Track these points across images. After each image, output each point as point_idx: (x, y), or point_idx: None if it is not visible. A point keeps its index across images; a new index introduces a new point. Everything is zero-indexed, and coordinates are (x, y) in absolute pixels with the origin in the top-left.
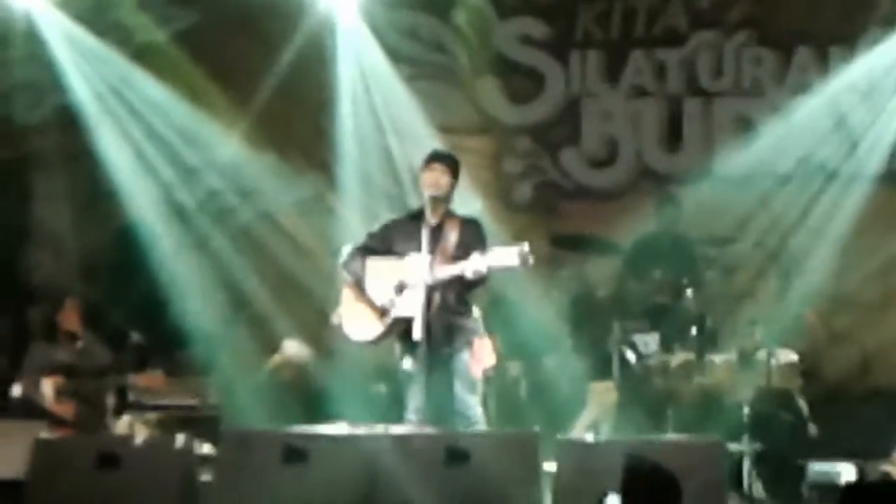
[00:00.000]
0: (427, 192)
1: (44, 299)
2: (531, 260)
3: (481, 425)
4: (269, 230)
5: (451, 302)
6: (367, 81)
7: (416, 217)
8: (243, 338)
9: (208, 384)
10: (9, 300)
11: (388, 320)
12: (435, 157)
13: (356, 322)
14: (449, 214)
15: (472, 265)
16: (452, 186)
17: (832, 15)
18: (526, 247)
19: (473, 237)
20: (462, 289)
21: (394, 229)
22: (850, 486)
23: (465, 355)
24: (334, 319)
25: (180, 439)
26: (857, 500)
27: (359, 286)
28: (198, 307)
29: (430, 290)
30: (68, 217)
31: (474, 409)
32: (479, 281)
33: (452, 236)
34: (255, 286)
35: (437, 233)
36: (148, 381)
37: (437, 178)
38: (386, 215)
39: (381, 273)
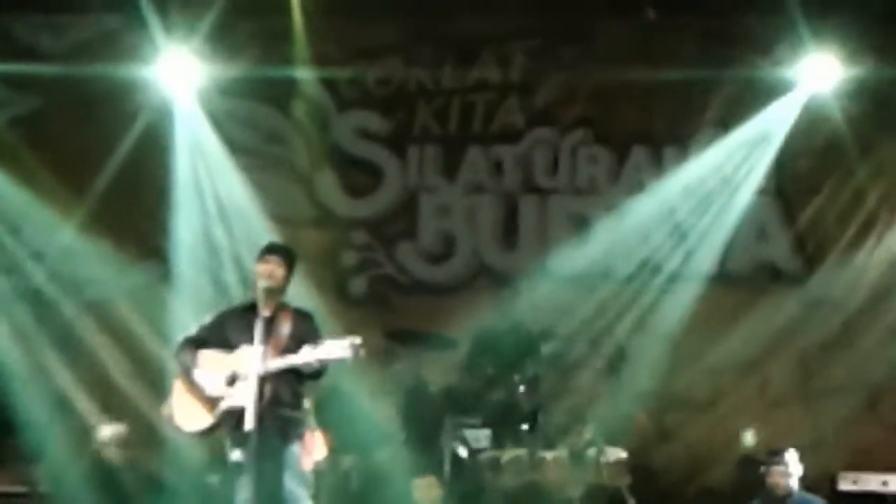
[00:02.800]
0: (261, 284)
1: None
2: (363, 353)
3: None
4: (104, 317)
5: (283, 394)
6: (205, 170)
7: (250, 309)
8: (72, 426)
9: (38, 472)
10: None
11: (219, 412)
12: (270, 249)
13: (187, 413)
14: (282, 306)
15: (303, 357)
16: (287, 278)
17: (666, 116)
18: (358, 340)
19: (307, 329)
20: (295, 381)
21: (226, 320)
22: None
23: (295, 448)
24: (164, 411)
25: None
26: None
27: (189, 377)
28: (27, 394)
29: (262, 381)
30: None
31: (304, 502)
32: (313, 374)
33: (285, 328)
34: (90, 373)
35: (270, 325)
36: None
37: (271, 269)
38: (219, 305)
39: (213, 364)
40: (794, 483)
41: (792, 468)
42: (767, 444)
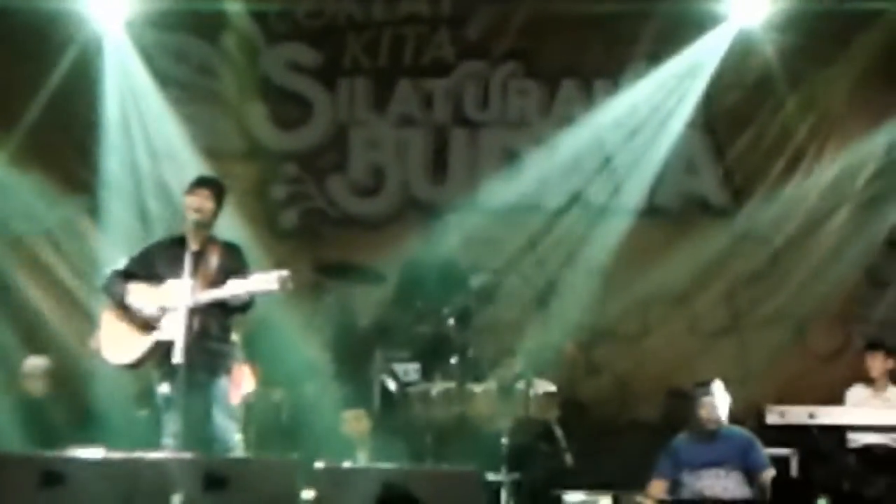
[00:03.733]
0: (190, 217)
1: None
2: (291, 286)
3: (239, 451)
4: (32, 250)
5: (211, 328)
6: (134, 103)
7: (178, 242)
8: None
9: None
10: None
11: (149, 344)
12: (200, 182)
13: (115, 346)
14: (211, 240)
15: (232, 290)
16: (216, 212)
17: (597, 49)
18: (285, 273)
19: (234, 262)
20: (223, 315)
21: (156, 254)
22: None
23: (223, 381)
24: (92, 344)
25: None
26: None
27: (120, 309)
28: None
29: (191, 314)
30: None
31: (232, 435)
32: (242, 307)
33: (213, 261)
34: (17, 305)
35: (198, 258)
36: None
37: (201, 202)
38: (146, 240)
39: (142, 297)
40: (722, 415)
41: (719, 400)
42: (696, 376)
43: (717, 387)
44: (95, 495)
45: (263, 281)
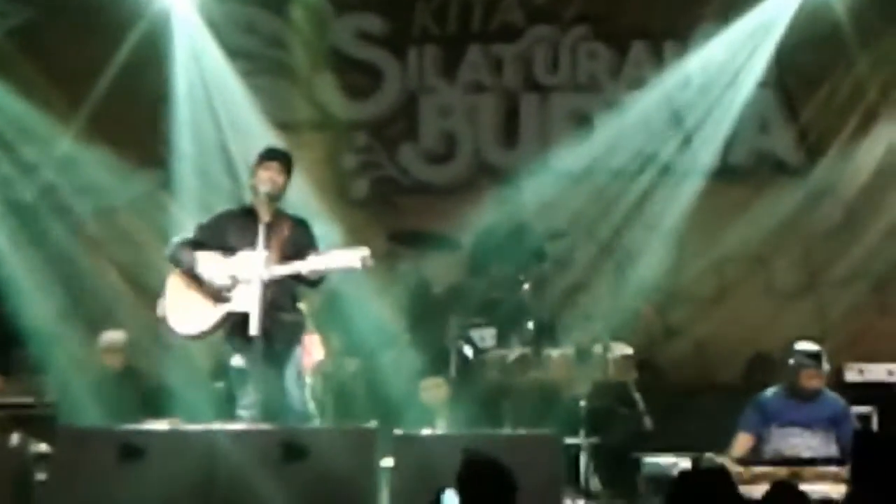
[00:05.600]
0: (263, 189)
1: None
2: (370, 263)
3: (315, 420)
4: (105, 227)
5: (282, 299)
6: (204, 77)
7: (249, 213)
8: (79, 335)
9: (44, 382)
10: None
11: (219, 315)
12: (272, 156)
13: (183, 315)
14: (280, 212)
15: (313, 265)
16: (286, 185)
17: (666, 10)
18: (366, 251)
19: (304, 236)
20: (293, 287)
21: (225, 224)
22: (682, 473)
23: (296, 351)
24: (158, 311)
25: (15, 438)
26: (689, 486)
27: (188, 277)
28: (32, 305)
29: (265, 286)
30: None
31: (307, 405)
32: (315, 282)
33: (284, 234)
34: (91, 283)
35: (269, 230)
36: None
37: (273, 176)
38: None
39: (213, 267)
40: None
41: (825, 368)
42: (774, 337)
43: (824, 357)
44: (174, 468)
45: (345, 259)
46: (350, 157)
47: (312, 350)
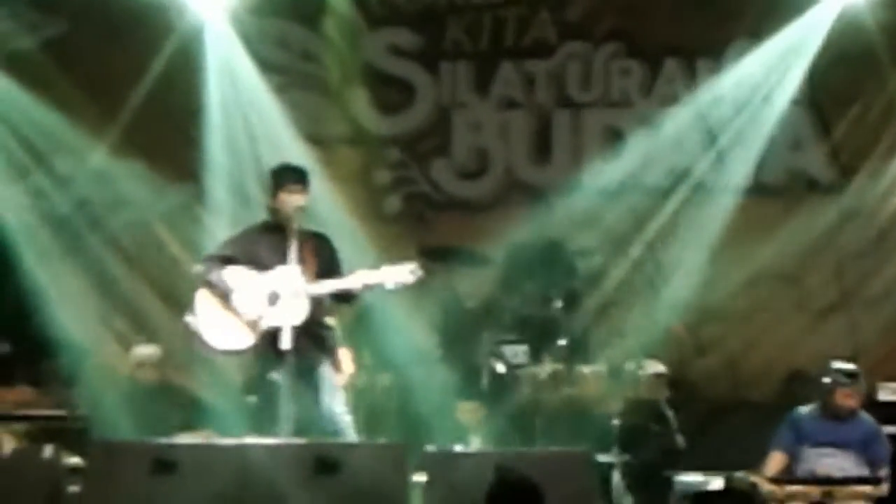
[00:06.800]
0: (290, 209)
1: None
2: (421, 275)
3: (352, 434)
4: (139, 239)
5: (318, 314)
6: (236, 90)
7: (277, 229)
8: (112, 347)
9: (76, 395)
10: None
11: (261, 330)
12: (298, 176)
13: (222, 331)
14: (302, 229)
15: (361, 280)
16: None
17: (699, 27)
18: (415, 265)
19: (328, 251)
20: (328, 302)
21: (257, 238)
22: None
23: (328, 365)
24: (189, 325)
25: (48, 451)
26: None
27: (224, 295)
28: (65, 316)
29: (313, 302)
30: None
31: (343, 418)
32: (354, 297)
33: (311, 250)
34: (125, 295)
35: (300, 246)
36: (16, 395)
37: (298, 199)
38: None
39: (246, 282)
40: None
41: (861, 389)
42: (806, 355)
43: (861, 376)
44: (207, 482)
45: (397, 274)
46: (382, 172)
47: (343, 365)
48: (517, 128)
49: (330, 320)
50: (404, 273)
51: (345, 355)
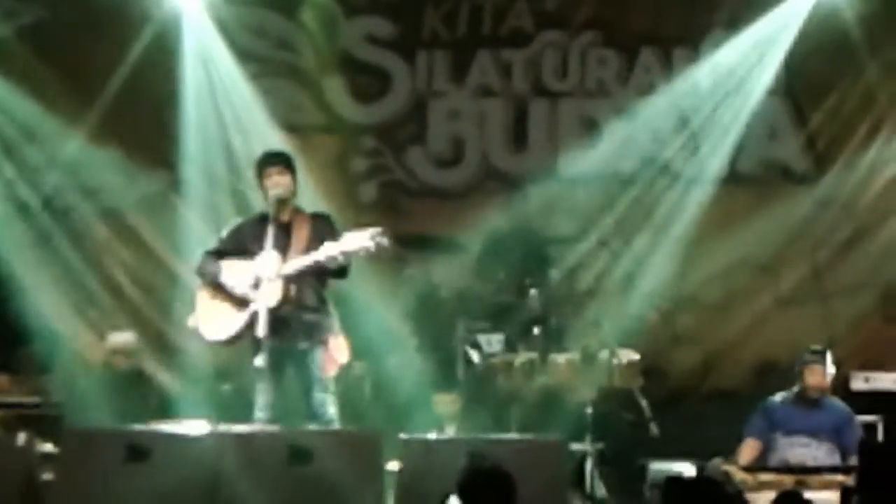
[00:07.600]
0: (273, 194)
1: None
2: (385, 241)
3: (335, 424)
4: (113, 227)
5: (307, 297)
6: (213, 78)
7: (264, 218)
8: (86, 335)
9: (50, 382)
10: None
11: (245, 318)
12: (271, 160)
13: (213, 322)
14: (297, 211)
15: (326, 252)
16: (294, 183)
17: (676, 17)
18: (378, 229)
19: (326, 229)
20: (318, 283)
21: (243, 231)
22: (669, 480)
23: (319, 353)
24: (190, 323)
25: (21, 438)
26: (677, 493)
27: (214, 285)
28: (38, 304)
29: (287, 283)
30: None
31: (328, 408)
32: (338, 272)
33: (304, 231)
34: (97, 283)
35: (286, 229)
36: None
37: (277, 179)
38: (230, 213)
39: (235, 273)
40: (827, 384)
41: (829, 369)
42: (780, 344)
43: (829, 356)
44: (181, 470)
45: (357, 239)
46: (358, 160)
47: (336, 353)
48: (493, 116)
49: (330, 306)
50: (365, 238)
51: (339, 344)
